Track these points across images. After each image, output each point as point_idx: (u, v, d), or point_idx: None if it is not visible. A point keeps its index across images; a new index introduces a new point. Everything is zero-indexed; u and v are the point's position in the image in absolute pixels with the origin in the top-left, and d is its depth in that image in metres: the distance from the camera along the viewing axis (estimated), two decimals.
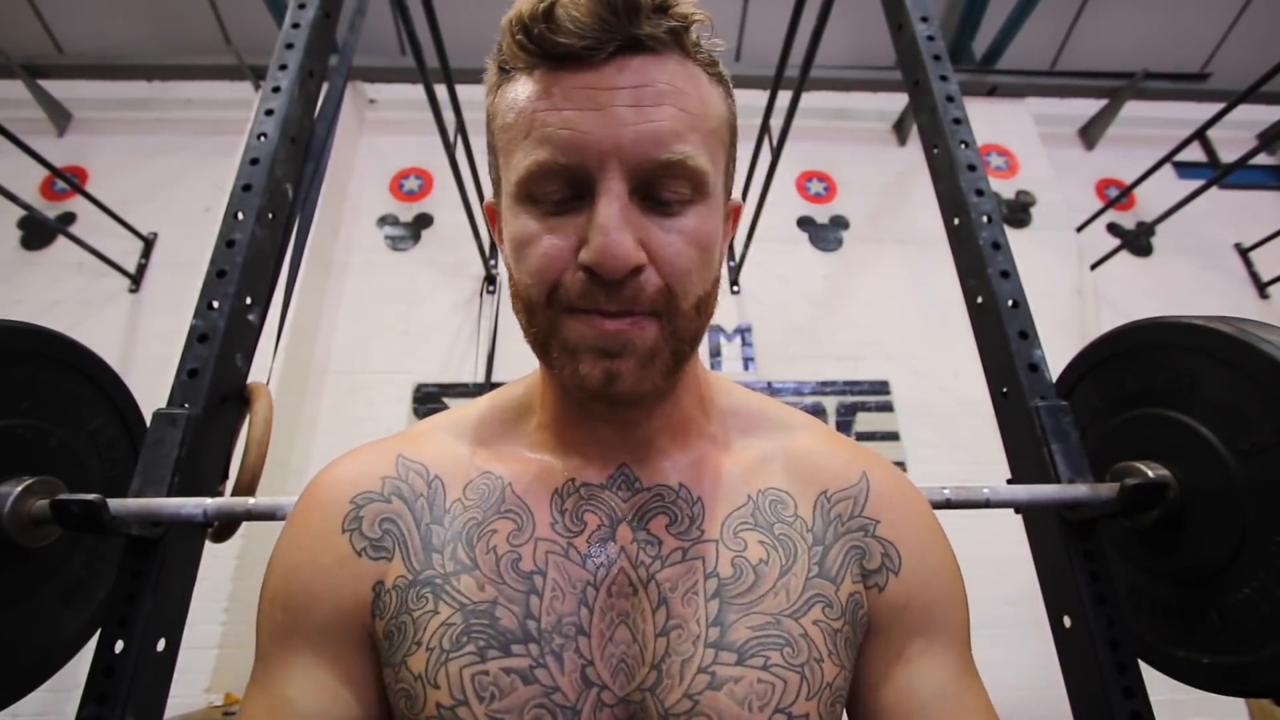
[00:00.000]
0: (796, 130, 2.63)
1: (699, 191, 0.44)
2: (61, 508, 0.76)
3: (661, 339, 0.44)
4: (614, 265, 0.40)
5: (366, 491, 0.50)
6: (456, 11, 3.44)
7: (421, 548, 0.49)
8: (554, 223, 0.43)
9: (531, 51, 0.42)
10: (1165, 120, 4.02)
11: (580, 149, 0.41)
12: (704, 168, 0.43)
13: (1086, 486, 0.86)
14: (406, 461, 0.52)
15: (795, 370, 3.31)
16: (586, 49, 0.41)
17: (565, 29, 0.40)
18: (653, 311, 0.43)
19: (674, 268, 0.43)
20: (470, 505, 0.50)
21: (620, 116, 0.41)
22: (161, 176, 3.58)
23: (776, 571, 0.48)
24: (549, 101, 0.42)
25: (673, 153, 0.41)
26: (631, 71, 0.41)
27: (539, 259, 0.43)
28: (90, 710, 0.73)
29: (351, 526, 0.49)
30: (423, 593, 0.47)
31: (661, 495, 0.51)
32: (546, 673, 0.44)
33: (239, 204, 1.00)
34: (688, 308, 0.44)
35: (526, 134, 0.42)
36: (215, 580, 2.52)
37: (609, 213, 0.40)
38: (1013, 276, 1.02)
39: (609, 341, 0.43)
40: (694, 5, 0.43)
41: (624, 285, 0.41)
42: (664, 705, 0.44)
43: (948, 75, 1.18)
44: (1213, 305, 3.51)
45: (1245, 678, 0.79)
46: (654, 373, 0.44)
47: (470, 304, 3.41)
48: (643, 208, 0.42)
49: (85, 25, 3.75)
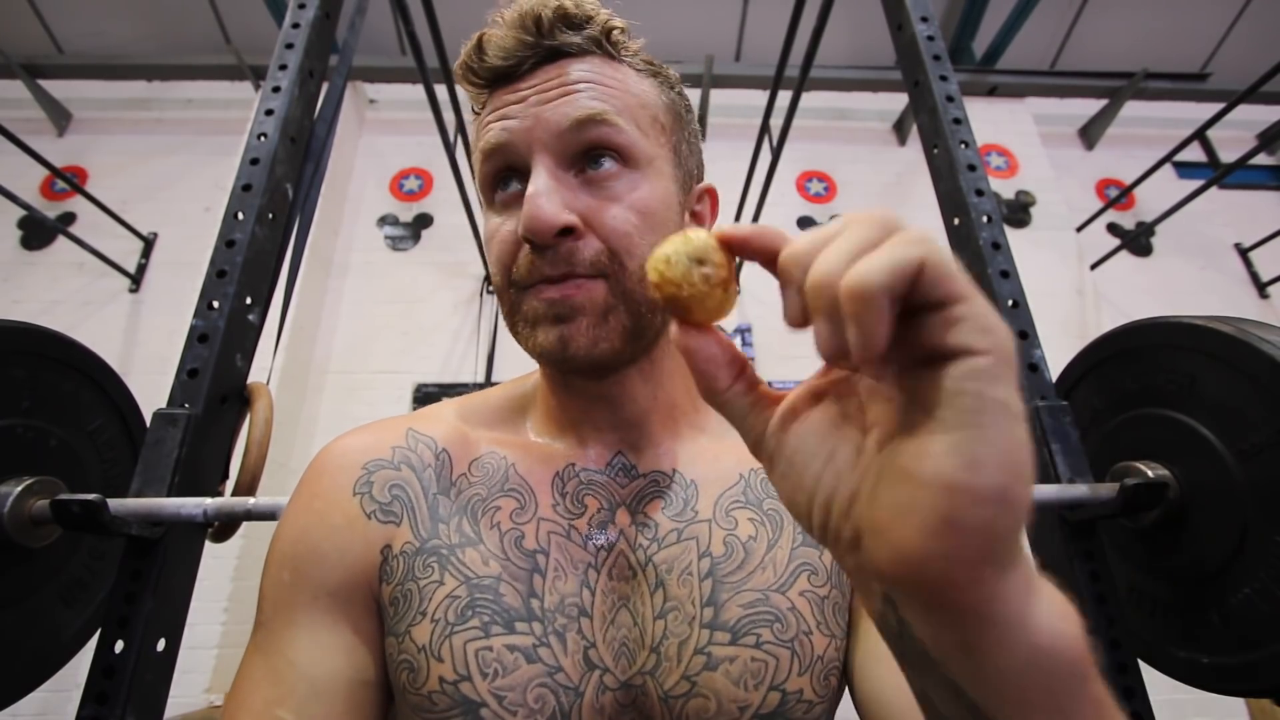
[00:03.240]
0: (796, 130, 2.63)
1: (630, 161, 0.47)
2: (61, 508, 0.76)
3: (611, 298, 0.46)
4: (540, 227, 0.43)
5: (378, 458, 0.51)
6: (456, 11, 3.43)
7: (429, 516, 0.49)
8: (506, 214, 0.48)
9: (475, 81, 0.49)
10: (1165, 120, 4.02)
11: (510, 140, 0.46)
12: (626, 134, 0.47)
13: (1086, 486, 0.86)
14: (416, 434, 0.54)
15: (795, 370, 3.31)
16: (511, 66, 0.48)
17: (492, 53, 0.47)
18: (597, 273, 0.46)
19: (611, 230, 0.46)
20: (475, 481, 0.51)
21: (540, 101, 0.46)
22: (161, 176, 3.58)
23: (764, 546, 0.49)
24: (490, 115, 0.49)
25: (583, 110, 0.45)
26: (551, 72, 0.47)
27: (498, 247, 0.48)
28: (90, 710, 0.73)
29: (362, 490, 0.50)
30: (429, 562, 0.47)
31: (657, 481, 0.52)
32: (549, 652, 0.45)
33: (239, 204, 1.00)
34: (634, 268, 0.46)
35: (479, 145, 0.49)
36: (215, 580, 2.52)
37: (536, 182, 0.44)
38: (1013, 276, 1.02)
39: (558, 308, 0.45)
40: (609, 13, 0.49)
41: (559, 248, 0.45)
42: (663, 688, 0.44)
43: (948, 75, 1.18)
44: (1213, 305, 3.51)
45: (1245, 678, 0.79)
46: (610, 332, 0.46)
47: (470, 304, 3.41)
48: (579, 181, 0.47)
49: (85, 25, 3.75)
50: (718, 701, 0.44)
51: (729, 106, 3.84)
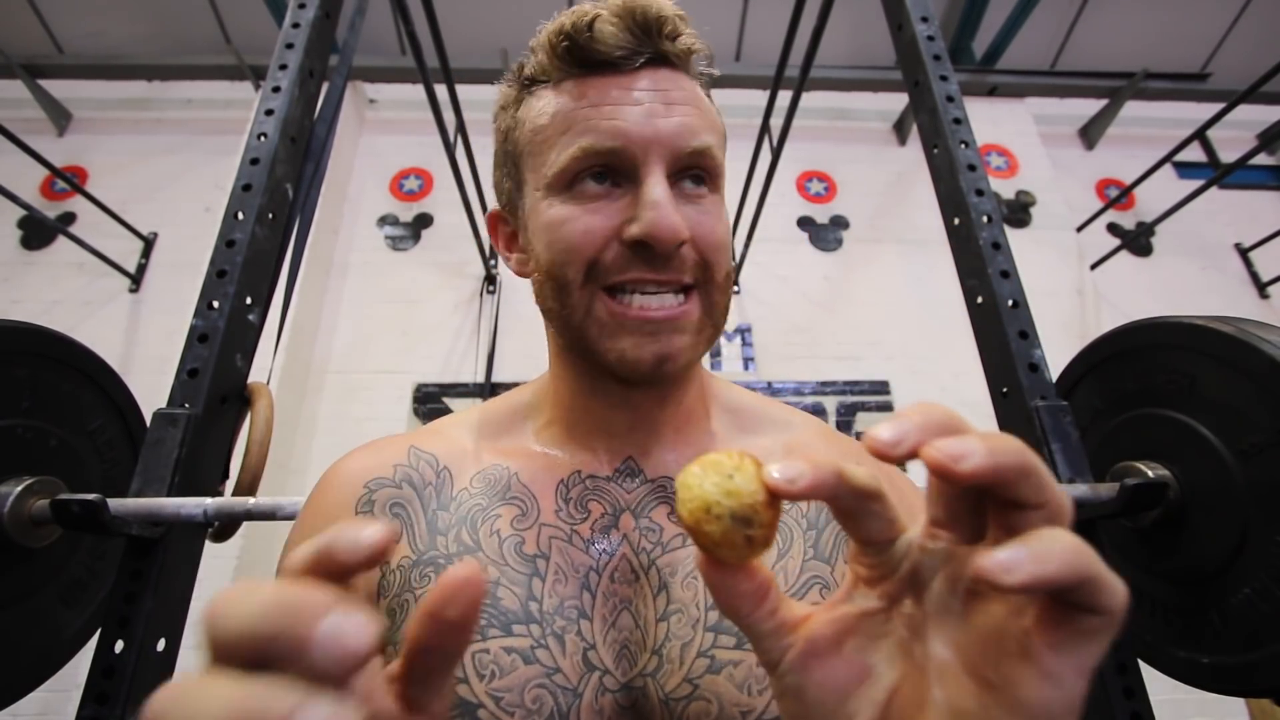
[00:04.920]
0: (796, 130, 2.63)
1: (715, 183, 0.50)
2: (61, 508, 0.76)
3: (704, 313, 0.48)
4: (667, 236, 0.44)
5: (379, 477, 0.53)
6: (456, 11, 3.44)
7: (427, 530, 0.50)
8: (592, 206, 0.47)
9: (569, 59, 0.48)
10: (1165, 120, 4.02)
11: (625, 135, 0.45)
12: (721, 162, 0.50)
13: (1086, 486, 0.86)
14: (418, 452, 0.55)
15: (795, 370, 3.31)
16: (622, 58, 0.47)
17: (605, 41, 0.46)
18: (693, 283, 0.47)
19: (709, 243, 0.48)
20: (475, 493, 0.52)
21: (656, 112, 0.46)
22: (161, 176, 3.58)
23: (774, 555, 0.49)
24: (587, 101, 0.47)
25: (700, 142, 0.47)
26: (659, 79, 0.48)
27: (578, 235, 0.46)
28: (90, 710, 0.73)
29: (364, 509, 0.51)
30: (425, 571, 0.48)
31: (664, 486, 0.52)
32: (548, 654, 0.45)
33: (239, 204, 1.00)
34: (721, 279, 0.49)
35: (565, 131, 0.47)
36: (215, 580, 2.51)
37: (660, 190, 0.45)
38: (1013, 276, 1.02)
39: (660, 325, 0.46)
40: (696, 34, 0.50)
41: (670, 258, 0.46)
42: (664, 690, 0.44)
43: (948, 75, 1.18)
44: (1213, 305, 3.51)
45: (1245, 678, 0.79)
46: (700, 346, 0.49)
47: (470, 304, 3.41)
48: (677, 192, 0.47)
49: (85, 25, 3.75)
50: (719, 705, 0.44)
51: (729, 106, 3.82)
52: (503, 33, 3.60)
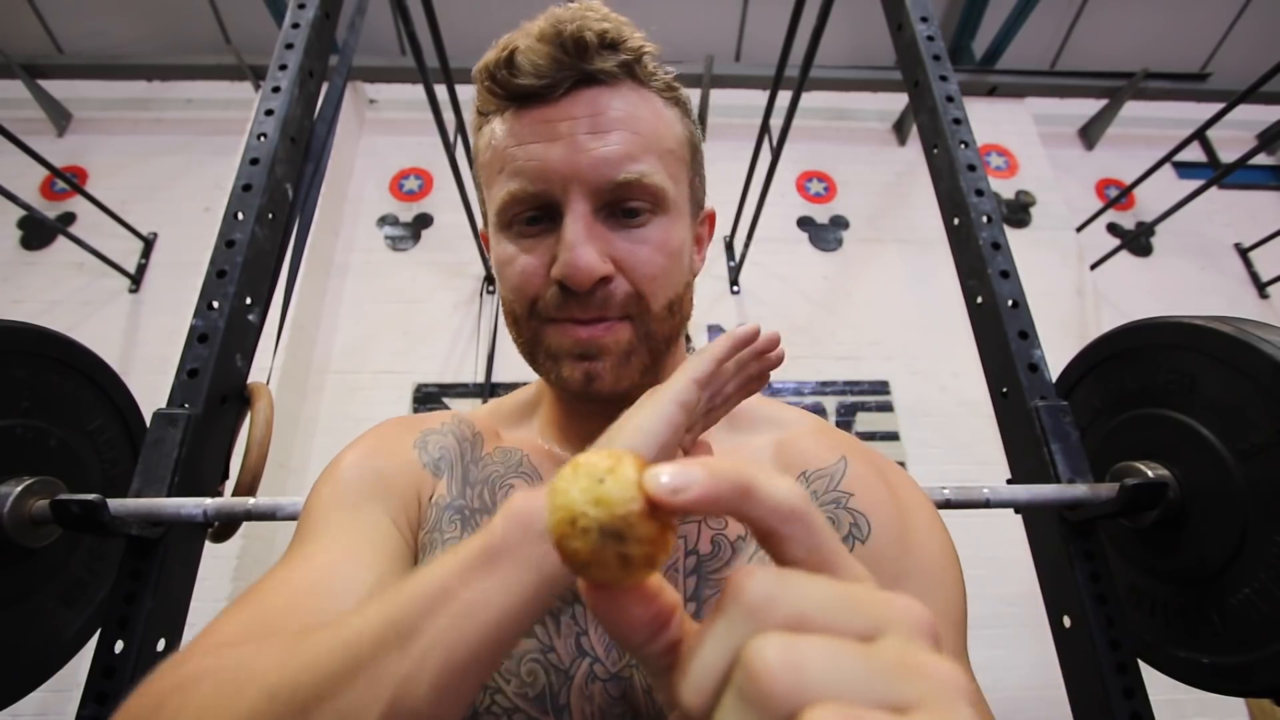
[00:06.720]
0: (796, 130, 2.63)
1: (659, 206, 0.48)
2: (61, 508, 0.76)
3: (635, 339, 0.49)
4: (580, 278, 0.45)
5: (430, 428, 0.59)
6: (456, 11, 3.44)
7: (462, 478, 0.55)
8: (528, 244, 0.48)
9: (499, 94, 0.48)
10: (1165, 120, 4.02)
11: (545, 177, 0.46)
12: (660, 184, 0.48)
13: (1086, 486, 0.86)
14: (459, 417, 0.62)
15: (795, 370, 3.31)
16: (545, 87, 0.46)
17: (525, 71, 0.46)
18: (625, 315, 0.48)
19: (642, 274, 0.47)
20: (495, 461, 0.57)
21: (578, 144, 0.45)
22: (161, 176, 3.57)
23: (753, 546, 0.50)
24: (515, 138, 0.47)
25: (628, 173, 0.46)
26: (585, 103, 0.46)
27: (518, 277, 0.48)
28: (90, 710, 0.73)
29: (419, 445, 0.57)
30: (453, 518, 0.51)
31: None
32: (544, 630, 0.46)
33: (239, 204, 1.00)
34: (659, 309, 0.49)
35: (500, 169, 0.48)
36: (215, 580, 2.52)
37: (574, 230, 0.45)
38: (1013, 276, 1.02)
39: (585, 347, 0.47)
40: (642, 38, 0.48)
41: (594, 294, 0.46)
42: (646, 681, 0.45)
43: (948, 75, 1.18)
44: (1213, 305, 3.51)
45: (1245, 678, 0.79)
46: (632, 371, 0.49)
47: (470, 304, 3.40)
48: (609, 224, 0.47)
49: (85, 25, 3.75)
50: None
51: (729, 106, 3.83)
52: (502, 33, 3.57)
